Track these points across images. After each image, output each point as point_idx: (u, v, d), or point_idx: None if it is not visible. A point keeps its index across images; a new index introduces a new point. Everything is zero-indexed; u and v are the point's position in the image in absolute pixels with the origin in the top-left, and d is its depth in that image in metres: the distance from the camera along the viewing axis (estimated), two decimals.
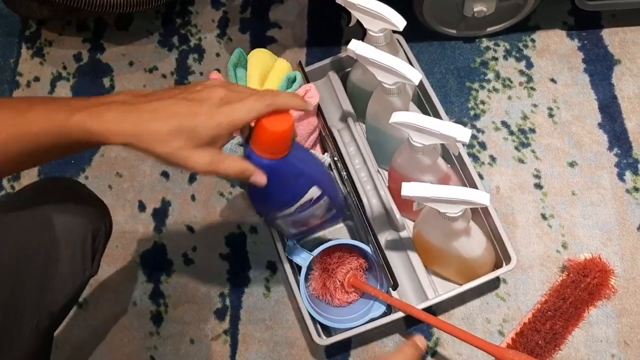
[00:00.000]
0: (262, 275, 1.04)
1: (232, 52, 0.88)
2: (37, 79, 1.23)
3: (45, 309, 0.73)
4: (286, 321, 1.00)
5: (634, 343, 0.93)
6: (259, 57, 0.90)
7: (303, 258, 0.91)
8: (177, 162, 0.57)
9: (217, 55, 1.21)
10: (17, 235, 0.70)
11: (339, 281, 0.93)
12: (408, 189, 0.73)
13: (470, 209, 0.83)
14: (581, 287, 0.93)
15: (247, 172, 0.62)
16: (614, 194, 1.01)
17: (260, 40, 1.20)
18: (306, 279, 0.92)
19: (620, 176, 1.02)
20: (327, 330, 0.94)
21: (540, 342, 0.90)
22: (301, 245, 0.94)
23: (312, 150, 0.95)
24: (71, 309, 0.81)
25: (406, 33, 0.98)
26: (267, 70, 0.90)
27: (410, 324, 0.98)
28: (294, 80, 0.88)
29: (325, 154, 0.95)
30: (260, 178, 0.63)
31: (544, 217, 1.01)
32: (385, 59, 0.76)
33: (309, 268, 0.91)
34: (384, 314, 0.90)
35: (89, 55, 1.24)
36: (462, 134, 0.72)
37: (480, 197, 0.71)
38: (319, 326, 0.91)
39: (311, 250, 0.91)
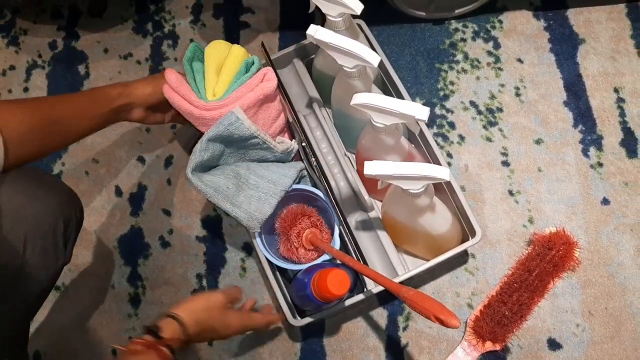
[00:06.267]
0: (238, 257, 1.06)
1: (206, 38, 0.89)
2: (12, 68, 1.24)
3: (19, 299, 0.76)
4: (262, 300, 1.03)
5: (598, 313, 0.96)
6: (215, 48, 0.92)
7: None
8: None
9: (191, 41, 1.21)
10: None
11: (296, 239, 0.93)
12: (371, 168, 0.75)
13: (436, 186, 0.86)
14: (546, 260, 0.96)
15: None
16: (579, 169, 1.04)
17: (233, 25, 1.21)
18: (271, 245, 0.94)
19: (585, 152, 1.05)
20: (303, 312, 0.95)
21: (507, 313, 0.93)
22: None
23: (279, 137, 0.96)
24: (46, 296, 0.83)
25: (377, 16, 1.00)
26: (223, 59, 0.92)
27: (383, 302, 1.00)
28: (252, 64, 0.90)
29: (293, 140, 0.97)
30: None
31: (511, 193, 1.04)
32: (343, 42, 0.78)
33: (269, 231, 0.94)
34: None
35: (63, 43, 1.25)
36: (421, 112, 0.74)
37: (439, 172, 0.73)
38: (293, 307, 0.93)
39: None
